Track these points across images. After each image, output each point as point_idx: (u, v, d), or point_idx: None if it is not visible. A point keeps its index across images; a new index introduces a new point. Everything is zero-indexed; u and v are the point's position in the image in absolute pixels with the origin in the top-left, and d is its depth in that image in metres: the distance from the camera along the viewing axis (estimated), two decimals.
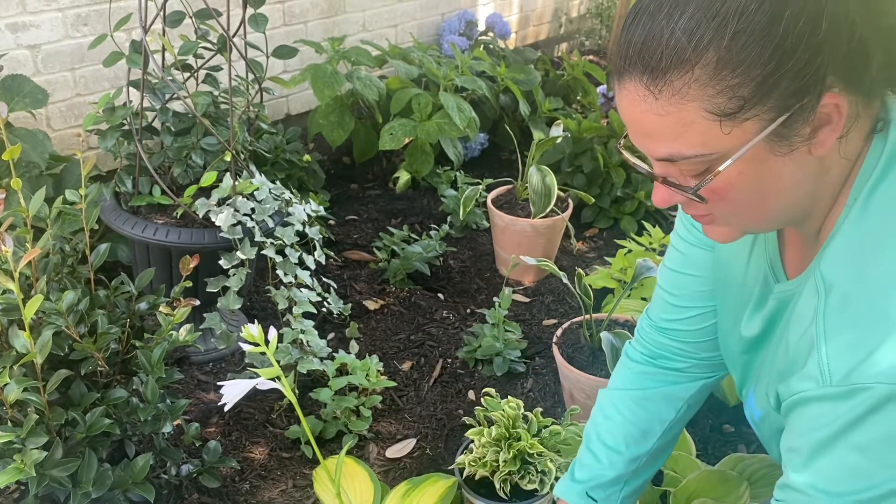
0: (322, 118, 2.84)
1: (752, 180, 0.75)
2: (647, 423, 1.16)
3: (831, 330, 0.75)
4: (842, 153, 0.77)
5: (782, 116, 0.70)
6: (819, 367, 0.74)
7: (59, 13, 2.29)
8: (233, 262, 1.79)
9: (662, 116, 0.72)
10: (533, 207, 2.39)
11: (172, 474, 1.55)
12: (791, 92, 0.69)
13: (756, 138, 0.71)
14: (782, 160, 0.74)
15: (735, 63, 0.68)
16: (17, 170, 2.04)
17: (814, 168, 0.76)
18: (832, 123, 0.73)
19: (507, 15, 3.99)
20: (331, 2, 3.08)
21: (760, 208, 0.79)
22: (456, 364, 2.12)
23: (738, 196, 0.77)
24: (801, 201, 0.80)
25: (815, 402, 0.75)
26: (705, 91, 0.70)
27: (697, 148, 0.73)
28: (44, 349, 1.22)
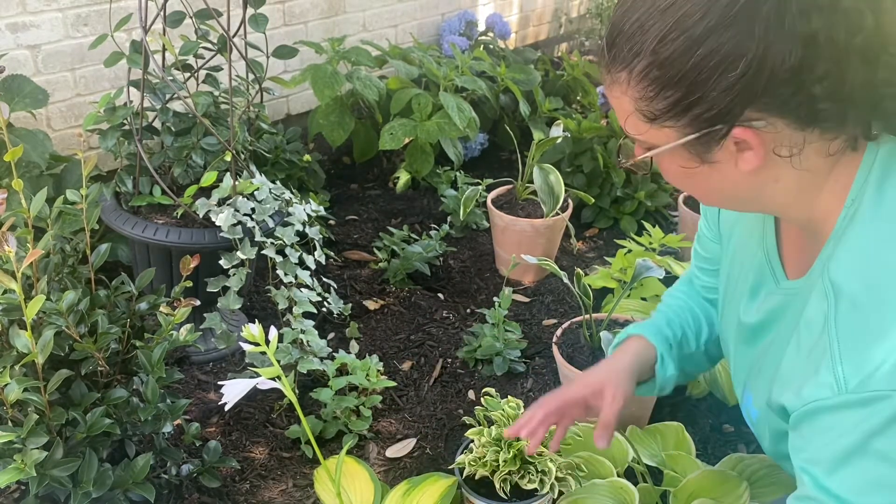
0: (322, 118, 2.84)
1: (681, 175, 0.85)
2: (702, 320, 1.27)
3: (844, 337, 0.75)
4: (796, 166, 0.79)
5: (694, 134, 0.77)
6: (834, 376, 0.74)
7: (59, 13, 2.29)
8: (233, 261, 1.79)
9: (613, 98, 0.84)
10: (544, 207, 2.38)
11: (173, 474, 1.55)
12: (703, 118, 0.76)
13: (669, 145, 0.80)
14: (706, 168, 0.81)
15: (654, 78, 0.76)
16: (18, 170, 2.04)
17: (747, 180, 0.81)
18: (755, 150, 0.77)
19: (507, 15, 3.99)
20: (331, 2, 3.08)
21: (703, 197, 0.90)
22: (456, 364, 2.12)
23: (677, 182, 0.88)
24: (749, 202, 0.86)
25: (831, 411, 0.75)
26: (633, 92, 0.79)
27: (632, 131, 0.84)
28: (45, 349, 1.22)
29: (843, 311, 0.77)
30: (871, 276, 0.76)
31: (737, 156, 0.79)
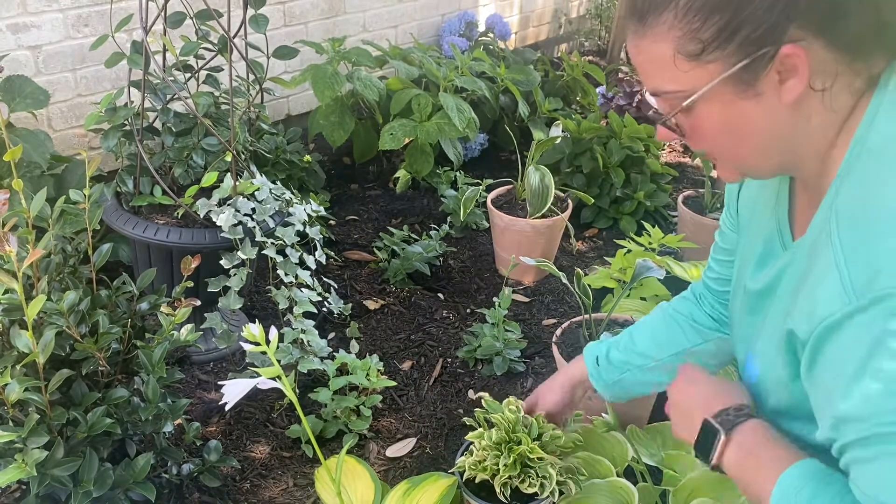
0: (322, 118, 2.85)
1: (720, 119, 0.83)
2: (665, 340, 1.34)
3: (848, 248, 0.76)
4: (826, 105, 0.80)
5: (742, 62, 0.77)
6: (842, 285, 0.74)
7: (59, 14, 2.30)
8: (234, 261, 1.80)
9: (645, 55, 0.83)
10: (530, 207, 2.39)
11: (173, 473, 1.56)
12: (750, 40, 0.76)
13: (716, 79, 0.79)
14: (749, 103, 0.81)
15: (698, 8, 0.77)
16: (19, 170, 2.04)
17: (786, 115, 0.81)
18: (798, 74, 0.78)
19: (507, 16, 4.00)
20: (331, 2, 3.09)
21: (737, 147, 0.86)
22: (456, 363, 2.12)
23: (711, 133, 0.85)
24: (781, 145, 0.85)
25: (846, 322, 0.74)
26: (673, 33, 0.79)
27: (671, 84, 0.82)
28: (46, 349, 1.22)
29: (844, 228, 0.78)
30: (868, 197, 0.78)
31: (779, 88, 0.79)
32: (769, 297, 0.98)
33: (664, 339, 1.34)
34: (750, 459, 0.95)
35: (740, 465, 0.97)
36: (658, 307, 1.42)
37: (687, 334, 1.32)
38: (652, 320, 1.38)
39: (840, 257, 0.76)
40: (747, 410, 1.00)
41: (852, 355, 0.73)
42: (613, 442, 1.55)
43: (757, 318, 1.01)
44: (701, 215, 2.59)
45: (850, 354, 0.74)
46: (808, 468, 0.87)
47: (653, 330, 1.36)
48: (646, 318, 1.40)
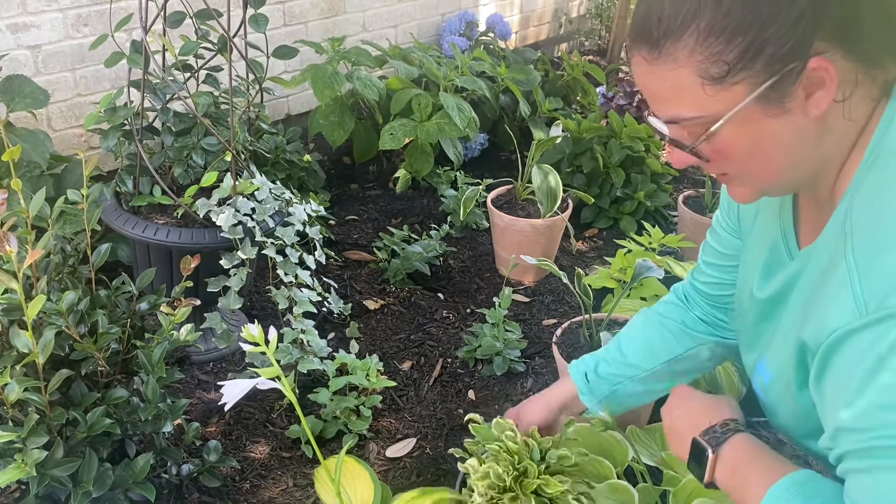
0: (322, 118, 2.85)
1: (748, 141, 0.80)
2: (657, 346, 1.30)
3: (862, 263, 0.75)
4: (846, 115, 0.80)
5: (769, 80, 0.76)
6: (855, 300, 0.74)
7: (59, 13, 2.29)
8: (234, 261, 1.79)
9: (662, 82, 0.80)
10: (541, 207, 2.39)
11: (173, 474, 1.55)
12: (776, 57, 0.75)
13: (744, 101, 0.77)
14: (777, 122, 0.79)
15: (719, 31, 0.74)
16: (18, 170, 2.04)
17: (813, 129, 0.80)
18: (825, 87, 0.77)
19: (507, 15, 4.00)
20: (331, 2, 3.08)
21: (765, 167, 0.84)
22: (456, 364, 2.12)
23: (738, 156, 0.82)
24: (806, 161, 0.83)
25: (855, 335, 0.74)
26: (694, 57, 0.76)
27: (693, 110, 0.80)
28: (46, 349, 1.22)
29: (858, 241, 0.77)
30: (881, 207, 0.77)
31: (806, 103, 0.78)
32: (780, 305, 0.97)
33: (656, 347, 1.31)
34: (737, 476, 0.96)
35: (730, 483, 0.98)
36: (641, 313, 1.38)
37: (679, 340, 1.30)
38: (640, 328, 1.35)
39: (854, 271, 0.76)
40: (734, 425, 1.01)
41: (858, 368, 0.73)
42: (613, 442, 1.55)
43: (768, 326, 1.00)
44: (701, 215, 2.59)
45: (856, 367, 0.74)
46: (795, 479, 0.87)
47: (643, 338, 1.33)
48: (632, 327, 1.37)
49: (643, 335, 1.33)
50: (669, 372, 1.31)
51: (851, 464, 0.76)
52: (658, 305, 1.37)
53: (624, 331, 1.38)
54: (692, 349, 1.29)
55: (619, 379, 1.32)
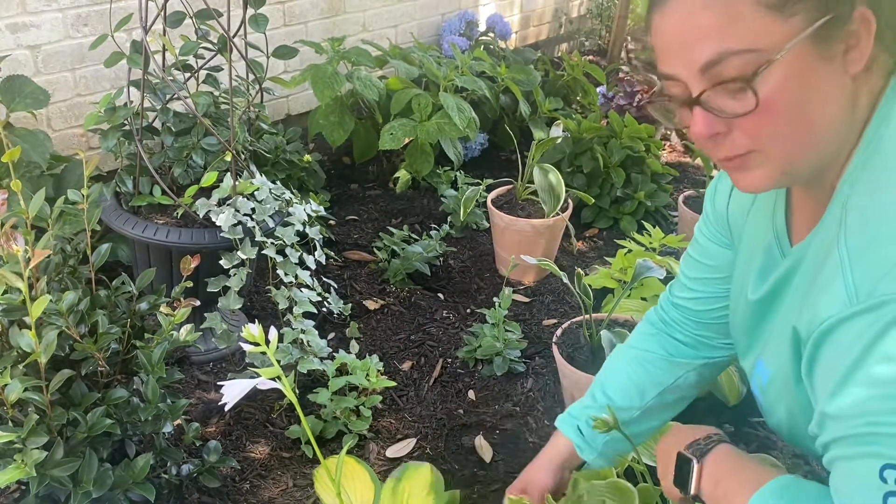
0: (322, 118, 2.85)
1: (797, 88, 0.75)
2: (643, 382, 1.25)
3: (854, 252, 0.75)
4: (867, 85, 0.79)
5: (825, 17, 0.73)
6: (846, 289, 0.73)
7: (59, 13, 2.29)
8: (234, 261, 1.79)
9: (712, 10, 0.73)
10: (544, 206, 2.38)
11: (173, 474, 1.55)
12: None
13: (803, 33, 0.73)
14: (827, 69, 0.75)
15: None
16: (18, 170, 2.04)
17: (848, 92, 0.78)
18: (860, 45, 0.75)
19: (507, 15, 4.00)
20: (331, 2, 3.08)
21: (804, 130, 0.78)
22: (456, 364, 2.12)
23: (785, 107, 0.76)
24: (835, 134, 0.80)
25: (845, 324, 0.73)
26: None
27: (746, 41, 0.73)
28: (48, 349, 1.22)
29: (852, 232, 0.76)
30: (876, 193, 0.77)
31: (845, 59, 0.76)
32: (774, 304, 0.97)
33: (642, 384, 1.26)
34: (721, 488, 0.95)
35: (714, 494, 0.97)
36: (617, 352, 1.32)
37: (666, 370, 1.26)
38: (621, 368, 1.29)
39: (846, 261, 0.75)
40: (716, 437, 1.01)
41: (846, 357, 0.73)
42: None
43: (765, 327, 1.00)
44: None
45: (844, 355, 0.73)
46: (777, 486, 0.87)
47: (627, 378, 1.27)
48: (613, 369, 1.31)
49: (627, 375, 1.28)
50: (660, 405, 1.26)
51: (836, 451, 0.76)
52: (634, 340, 1.32)
53: (604, 374, 1.31)
54: (680, 377, 1.25)
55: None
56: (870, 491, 0.71)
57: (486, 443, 1.84)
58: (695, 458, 0.99)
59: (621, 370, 1.29)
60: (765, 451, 1.42)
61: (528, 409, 1.96)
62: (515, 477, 1.32)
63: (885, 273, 0.71)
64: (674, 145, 3.58)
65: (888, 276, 0.71)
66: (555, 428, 1.34)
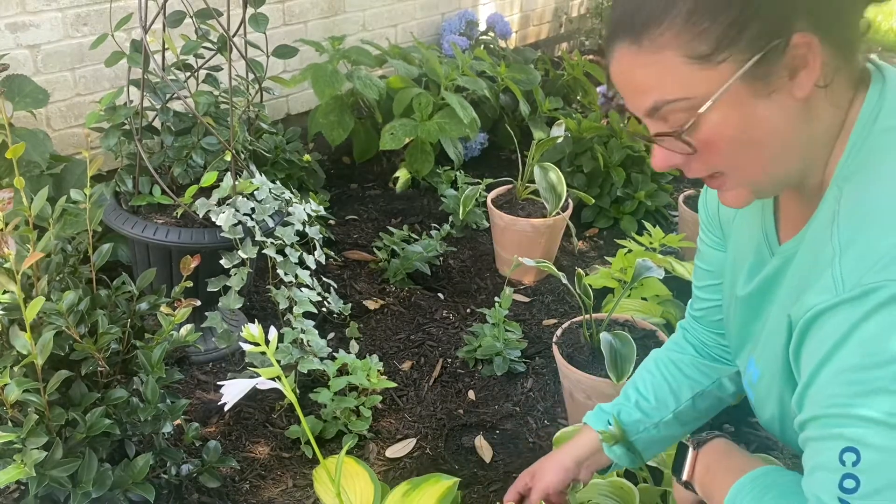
0: (322, 118, 2.84)
1: (737, 124, 0.79)
2: (678, 385, 1.24)
3: (844, 243, 0.76)
4: (830, 101, 0.80)
5: (755, 56, 0.75)
6: (833, 279, 0.75)
7: (58, 13, 2.29)
8: (234, 261, 1.79)
9: (646, 68, 0.79)
10: (546, 205, 2.38)
11: (172, 474, 1.55)
12: (761, 33, 0.75)
13: (731, 79, 0.76)
14: (765, 103, 0.78)
15: (704, 10, 0.75)
16: (19, 169, 2.04)
17: (800, 113, 0.80)
18: (808, 66, 0.77)
19: (507, 15, 3.99)
20: (331, 1, 3.08)
21: (757, 156, 0.82)
22: (456, 364, 2.12)
23: (728, 143, 0.80)
24: (797, 148, 0.82)
25: (829, 312, 0.75)
26: (680, 38, 0.76)
27: (678, 92, 0.78)
28: (44, 350, 1.22)
29: (843, 222, 0.78)
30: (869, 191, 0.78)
31: (791, 84, 0.77)
32: (764, 299, 0.97)
33: (676, 387, 1.25)
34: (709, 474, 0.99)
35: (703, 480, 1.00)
36: (651, 357, 1.32)
37: (699, 374, 1.25)
38: (655, 370, 1.28)
39: (837, 252, 0.76)
40: (719, 433, 1.03)
41: (827, 342, 0.75)
42: None
43: (756, 323, 1.01)
44: None
45: (825, 341, 0.75)
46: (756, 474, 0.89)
47: (662, 379, 1.26)
48: (647, 370, 1.30)
49: (662, 376, 1.26)
50: (695, 412, 1.25)
51: (807, 432, 0.78)
52: (669, 344, 1.32)
53: (638, 375, 1.30)
54: (715, 381, 1.25)
55: (644, 425, 1.24)
56: (829, 472, 0.74)
57: (486, 443, 1.84)
58: (692, 446, 1.02)
59: (656, 372, 1.27)
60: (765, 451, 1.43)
61: (528, 409, 1.96)
62: (515, 477, 1.32)
63: (871, 264, 0.72)
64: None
65: (874, 267, 0.72)
66: (556, 427, 1.34)
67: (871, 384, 0.71)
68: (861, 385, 0.71)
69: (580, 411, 1.63)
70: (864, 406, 0.71)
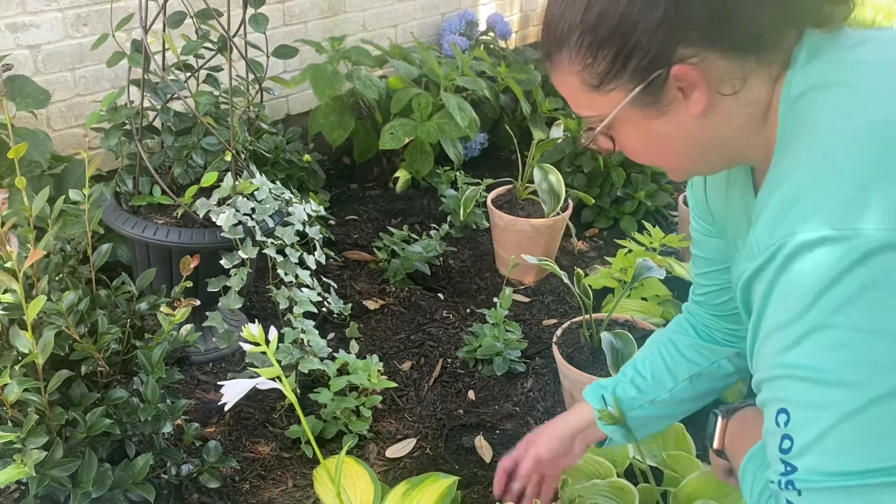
0: (322, 118, 2.84)
1: (638, 138, 0.88)
2: (675, 365, 1.27)
3: (759, 208, 0.79)
4: (742, 102, 0.82)
5: (637, 88, 0.81)
6: (750, 245, 0.78)
7: (59, 13, 2.29)
8: (234, 261, 1.79)
9: (560, 85, 0.89)
10: (545, 206, 2.38)
11: (172, 474, 1.55)
12: (641, 67, 0.80)
13: (619, 106, 0.84)
14: (660, 122, 0.84)
15: (588, 45, 0.82)
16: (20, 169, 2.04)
17: (702, 124, 0.84)
18: (699, 88, 0.80)
19: (507, 15, 3.99)
20: (331, 2, 3.08)
21: (666, 159, 0.91)
22: (456, 364, 2.12)
23: (635, 150, 0.90)
24: (710, 150, 0.88)
25: (753, 279, 0.77)
26: (574, 67, 0.84)
27: (587, 110, 0.88)
28: (45, 349, 1.22)
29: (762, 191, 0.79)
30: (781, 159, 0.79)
31: (685, 102, 0.82)
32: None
33: (674, 366, 1.27)
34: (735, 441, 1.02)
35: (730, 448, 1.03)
36: (653, 338, 1.34)
37: (697, 355, 1.26)
38: (655, 349, 1.30)
39: (754, 218, 0.79)
40: (749, 402, 1.05)
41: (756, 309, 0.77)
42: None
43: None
44: None
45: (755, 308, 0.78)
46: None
47: (660, 358, 1.28)
48: (647, 349, 1.32)
49: (660, 356, 1.28)
50: (692, 392, 1.26)
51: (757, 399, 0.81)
52: (669, 328, 1.33)
53: (638, 354, 1.33)
54: (714, 363, 1.26)
55: (640, 402, 1.25)
56: (772, 436, 0.76)
57: (486, 443, 1.84)
58: (720, 414, 1.06)
59: (655, 352, 1.30)
60: None
61: (528, 409, 1.96)
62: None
63: (774, 224, 0.74)
64: None
65: (777, 227, 0.74)
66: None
67: (792, 337, 0.72)
68: (785, 341, 0.73)
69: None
70: (789, 363, 0.72)
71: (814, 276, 0.69)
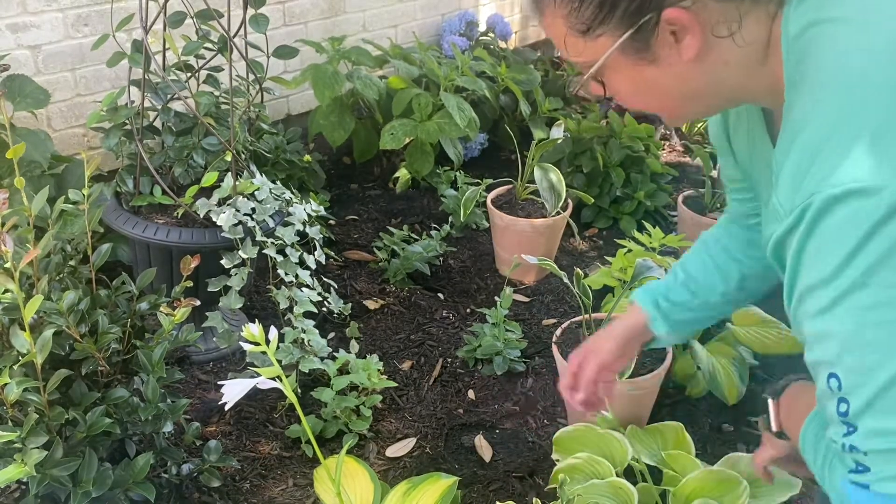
0: (322, 118, 2.85)
1: (629, 84, 0.86)
2: (727, 266, 1.23)
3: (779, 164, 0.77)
4: (739, 43, 0.80)
5: (627, 33, 0.80)
6: (774, 206, 0.76)
7: (59, 13, 2.29)
8: (234, 261, 1.79)
9: (548, 30, 0.88)
10: (546, 205, 2.38)
11: (173, 473, 1.55)
12: (631, 11, 0.78)
13: (607, 52, 0.82)
14: (651, 68, 0.83)
15: None
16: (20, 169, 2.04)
17: (696, 68, 0.82)
18: (691, 31, 0.78)
19: (507, 15, 4.00)
20: (331, 2, 3.08)
21: (660, 104, 0.89)
22: (456, 363, 2.12)
23: (627, 96, 0.88)
24: (708, 92, 0.86)
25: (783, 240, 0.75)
26: (560, 12, 0.83)
27: (576, 56, 0.86)
28: (44, 349, 1.22)
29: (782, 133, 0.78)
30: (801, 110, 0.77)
31: (677, 47, 0.80)
32: None
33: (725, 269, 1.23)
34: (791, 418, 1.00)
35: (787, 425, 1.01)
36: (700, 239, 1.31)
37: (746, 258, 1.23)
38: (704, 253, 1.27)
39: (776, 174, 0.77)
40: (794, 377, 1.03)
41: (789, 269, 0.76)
42: (613, 442, 1.55)
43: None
44: (701, 215, 2.59)
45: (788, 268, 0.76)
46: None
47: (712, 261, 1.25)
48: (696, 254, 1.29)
49: (710, 257, 1.25)
50: (742, 293, 1.24)
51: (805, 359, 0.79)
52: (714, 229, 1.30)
53: (687, 256, 1.29)
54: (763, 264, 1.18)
55: (691, 305, 1.23)
56: (828, 400, 0.74)
57: (486, 442, 1.84)
58: (770, 397, 1.04)
59: (703, 253, 1.26)
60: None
61: (527, 409, 1.97)
62: (515, 477, 1.33)
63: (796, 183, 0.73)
64: (673, 145, 3.58)
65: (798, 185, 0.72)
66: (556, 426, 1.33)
67: (828, 297, 0.71)
68: (821, 302, 0.72)
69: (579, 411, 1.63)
70: (830, 326, 0.72)
71: (843, 233, 0.69)
